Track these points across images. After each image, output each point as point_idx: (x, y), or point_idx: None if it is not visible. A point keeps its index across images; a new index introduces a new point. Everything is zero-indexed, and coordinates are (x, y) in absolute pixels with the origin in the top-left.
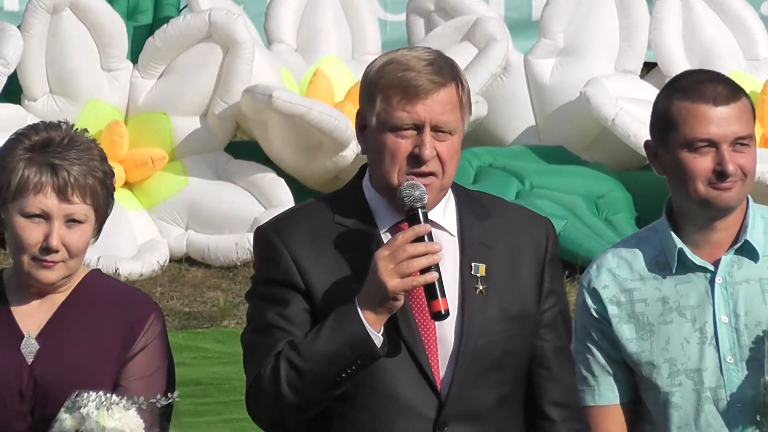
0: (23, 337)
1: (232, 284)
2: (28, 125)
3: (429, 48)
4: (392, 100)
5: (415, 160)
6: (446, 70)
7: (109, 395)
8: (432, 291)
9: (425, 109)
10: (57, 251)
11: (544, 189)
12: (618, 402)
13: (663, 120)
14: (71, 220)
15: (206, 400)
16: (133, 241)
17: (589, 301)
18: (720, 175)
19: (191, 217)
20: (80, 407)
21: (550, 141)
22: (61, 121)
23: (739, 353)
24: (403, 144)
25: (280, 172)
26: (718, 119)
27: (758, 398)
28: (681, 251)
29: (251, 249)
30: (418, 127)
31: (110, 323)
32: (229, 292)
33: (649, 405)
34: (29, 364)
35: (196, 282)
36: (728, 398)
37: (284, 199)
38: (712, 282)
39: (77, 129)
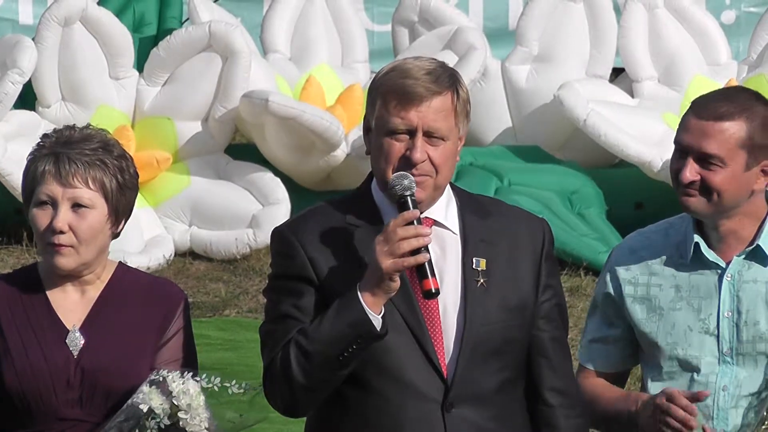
0: (68, 331)
1: (233, 276)
2: (53, 130)
3: (435, 59)
4: (389, 105)
5: (407, 161)
6: (444, 79)
7: (205, 377)
8: (422, 271)
9: (418, 115)
10: (62, 232)
11: (521, 186)
12: (606, 371)
13: None
14: (77, 205)
15: None
16: (141, 237)
17: (606, 278)
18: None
19: (194, 214)
20: (170, 385)
21: (526, 141)
22: (87, 126)
23: (736, 347)
24: (397, 146)
25: (277, 172)
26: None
27: (742, 388)
28: (696, 245)
29: (250, 244)
30: (411, 132)
31: (146, 312)
32: (230, 283)
33: (648, 382)
34: (75, 356)
35: (200, 274)
36: (717, 385)
37: (280, 197)
38: (721, 278)
39: (99, 130)
